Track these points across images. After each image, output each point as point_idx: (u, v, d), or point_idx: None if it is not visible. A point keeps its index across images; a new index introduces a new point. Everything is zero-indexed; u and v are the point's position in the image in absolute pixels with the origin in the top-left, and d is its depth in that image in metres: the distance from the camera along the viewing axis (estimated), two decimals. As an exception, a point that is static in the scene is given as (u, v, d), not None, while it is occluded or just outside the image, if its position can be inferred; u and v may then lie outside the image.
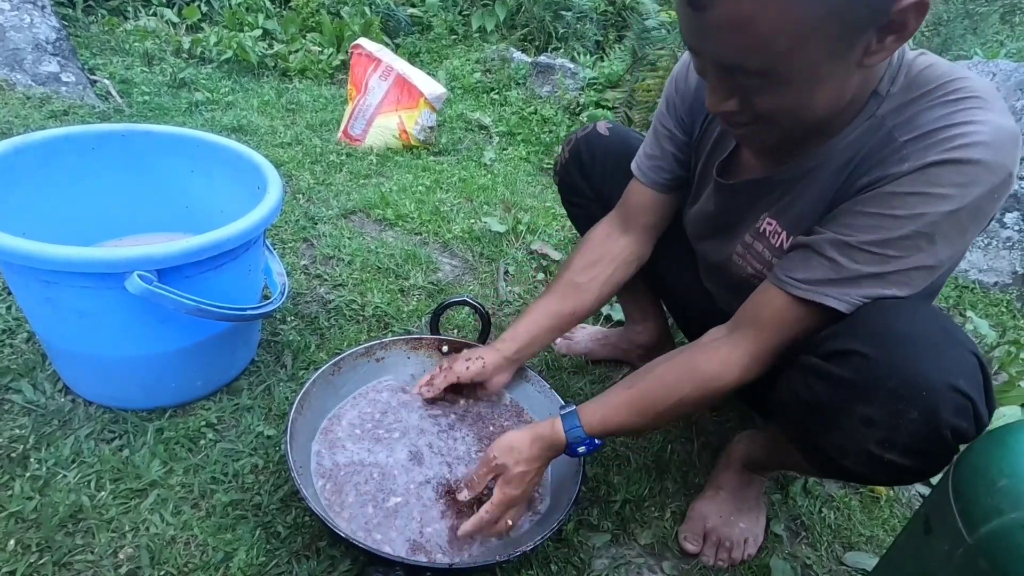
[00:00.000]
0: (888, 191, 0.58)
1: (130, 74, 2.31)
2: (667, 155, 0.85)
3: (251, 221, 0.86)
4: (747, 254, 0.78)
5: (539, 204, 1.87)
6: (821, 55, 0.52)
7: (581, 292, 0.91)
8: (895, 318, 0.58)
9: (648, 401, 0.74)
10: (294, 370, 1.09)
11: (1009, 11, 4.66)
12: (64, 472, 0.84)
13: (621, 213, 0.93)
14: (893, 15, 0.50)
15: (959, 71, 0.59)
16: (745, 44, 0.51)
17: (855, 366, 0.58)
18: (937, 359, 0.55)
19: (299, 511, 0.84)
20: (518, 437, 0.78)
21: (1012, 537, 0.43)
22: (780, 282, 0.66)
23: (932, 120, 0.57)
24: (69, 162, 1.02)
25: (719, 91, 0.59)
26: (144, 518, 0.80)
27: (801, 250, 0.65)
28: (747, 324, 0.70)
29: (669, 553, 0.90)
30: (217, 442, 0.93)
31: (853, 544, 0.95)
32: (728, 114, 0.61)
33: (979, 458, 0.49)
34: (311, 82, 2.69)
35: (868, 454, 0.58)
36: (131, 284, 0.75)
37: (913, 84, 0.60)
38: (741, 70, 0.54)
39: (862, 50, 0.53)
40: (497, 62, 2.94)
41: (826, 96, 0.57)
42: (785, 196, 0.71)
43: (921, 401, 0.54)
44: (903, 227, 0.57)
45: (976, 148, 0.54)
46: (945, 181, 0.55)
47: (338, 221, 1.59)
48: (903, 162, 0.58)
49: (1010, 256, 1.77)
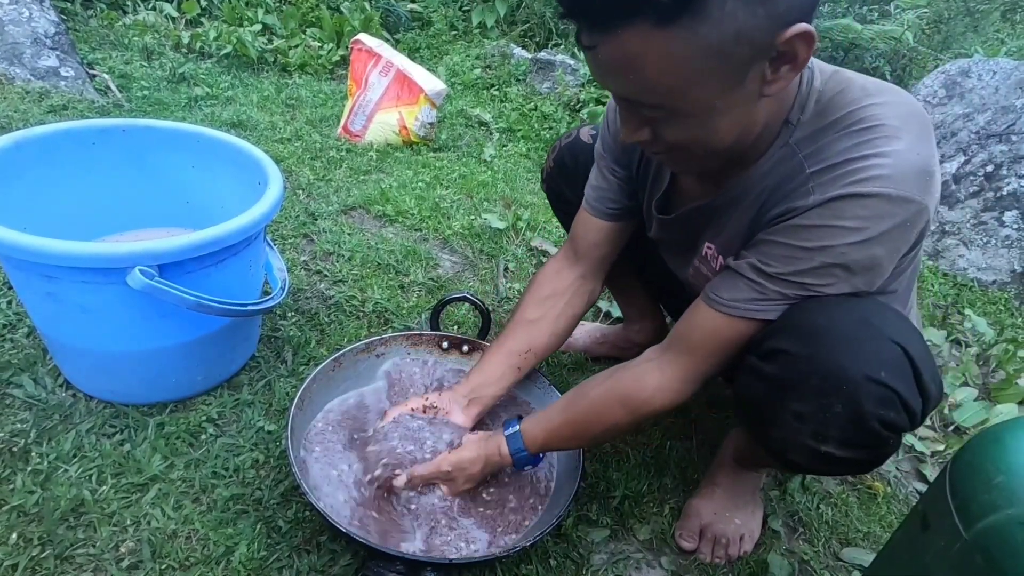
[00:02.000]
0: (796, 223, 0.59)
1: (129, 69, 2.31)
2: (612, 186, 0.86)
3: (252, 217, 0.86)
4: (697, 276, 0.80)
5: (539, 200, 1.87)
6: (713, 90, 0.53)
7: (533, 329, 0.92)
8: (817, 314, 0.59)
9: (583, 426, 0.77)
10: (294, 366, 1.09)
11: (1010, 9, 4.65)
12: (65, 466, 0.84)
13: (571, 246, 0.94)
14: (779, 47, 0.51)
15: (873, 95, 0.59)
16: (635, 82, 0.53)
17: (782, 363, 0.60)
18: (856, 352, 0.56)
19: (300, 506, 0.84)
20: (470, 459, 0.83)
21: (1008, 533, 0.43)
22: (710, 301, 0.67)
23: (837, 152, 0.58)
24: (70, 157, 1.02)
25: (630, 123, 0.60)
26: (145, 512, 0.81)
27: (727, 272, 0.67)
28: (678, 346, 0.72)
29: (667, 548, 0.90)
30: (218, 437, 0.93)
31: (850, 540, 0.96)
32: (643, 143, 0.62)
33: (975, 455, 0.50)
34: (311, 77, 2.69)
35: (806, 448, 0.60)
36: (133, 279, 0.75)
37: (824, 111, 0.60)
38: (641, 104, 0.56)
39: (758, 81, 0.54)
40: (497, 58, 2.94)
41: (731, 125, 0.58)
42: (719, 221, 0.73)
43: (843, 394, 0.56)
44: (814, 258, 0.59)
45: (876, 182, 0.55)
46: (848, 214, 0.56)
47: (338, 217, 1.59)
48: (809, 195, 0.59)
49: (1008, 255, 1.77)
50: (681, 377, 0.71)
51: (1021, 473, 0.45)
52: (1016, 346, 1.43)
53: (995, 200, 1.82)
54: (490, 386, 0.91)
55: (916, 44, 2.99)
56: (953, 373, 1.33)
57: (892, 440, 0.59)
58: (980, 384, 1.34)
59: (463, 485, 0.84)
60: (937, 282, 1.76)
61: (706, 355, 0.69)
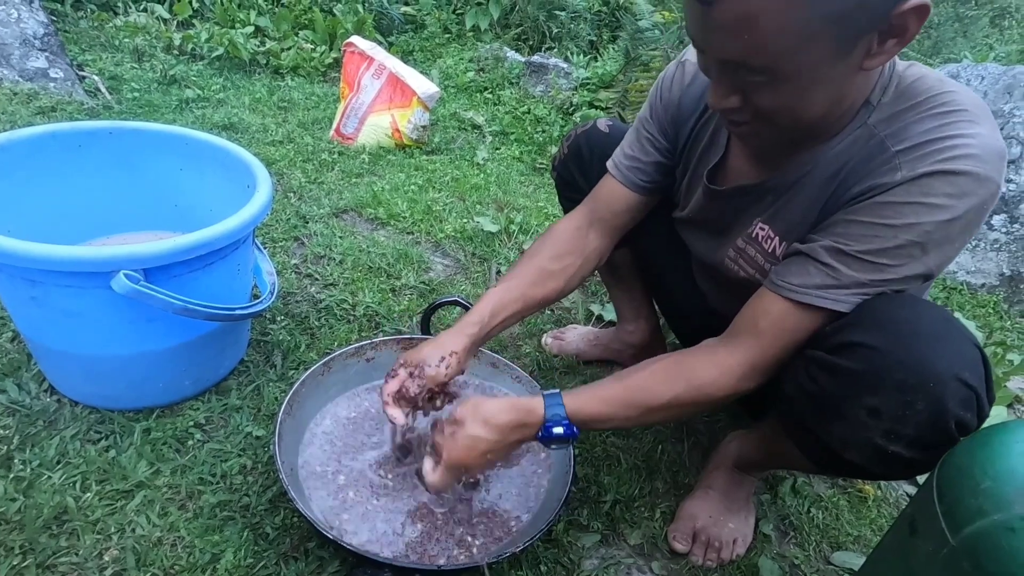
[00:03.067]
0: (882, 201, 0.59)
1: (120, 70, 2.29)
2: (649, 158, 0.85)
3: (240, 220, 0.85)
4: (739, 258, 0.78)
5: (532, 204, 1.87)
6: (823, 56, 0.52)
7: (553, 279, 0.88)
8: (900, 310, 0.59)
9: (639, 395, 0.70)
10: (284, 370, 1.09)
11: (998, 15, 4.70)
12: (49, 473, 0.83)
13: (590, 209, 0.91)
14: (893, 19, 0.51)
15: (949, 84, 0.60)
16: (749, 41, 0.52)
17: (862, 357, 0.58)
18: (943, 351, 0.56)
19: (287, 512, 0.83)
20: (491, 402, 0.72)
21: (995, 539, 0.43)
22: (777, 287, 0.65)
23: (923, 132, 0.58)
24: (56, 159, 1.01)
25: (721, 88, 0.59)
26: (130, 519, 0.79)
27: (797, 257, 0.65)
28: (745, 333, 0.68)
29: (659, 553, 0.90)
30: (205, 442, 0.92)
31: (841, 544, 0.96)
32: (729, 111, 0.61)
33: (963, 459, 0.50)
34: (303, 80, 2.68)
35: (873, 446, 0.59)
36: (117, 283, 0.74)
37: (904, 95, 0.61)
38: (744, 67, 0.55)
39: (863, 53, 0.54)
40: (491, 61, 2.94)
41: (826, 97, 0.58)
42: (777, 202, 0.71)
43: (928, 392, 0.55)
44: (897, 236, 0.58)
45: (967, 160, 0.55)
46: (938, 191, 0.56)
47: (329, 220, 1.58)
48: (896, 172, 0.58)
49: (997, 258, 1.79)
50: (749, 363, 0.67)
51: (1008, 478, 0.45)
52: (1005, 349, 1.44)
53: (984, 204, 1.84)
54: (498, 328, 0.86)
55: (906, 49, 3.01)
56: (943, 376, 1.34)
57: (956, 442, 0.58)
58: (969, 387, 1.35)
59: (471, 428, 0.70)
60: (927, 285, 1.77)
61: (773, 342, 0.66)
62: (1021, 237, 1.78)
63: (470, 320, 0.83)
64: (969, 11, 4.70)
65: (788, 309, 0.65)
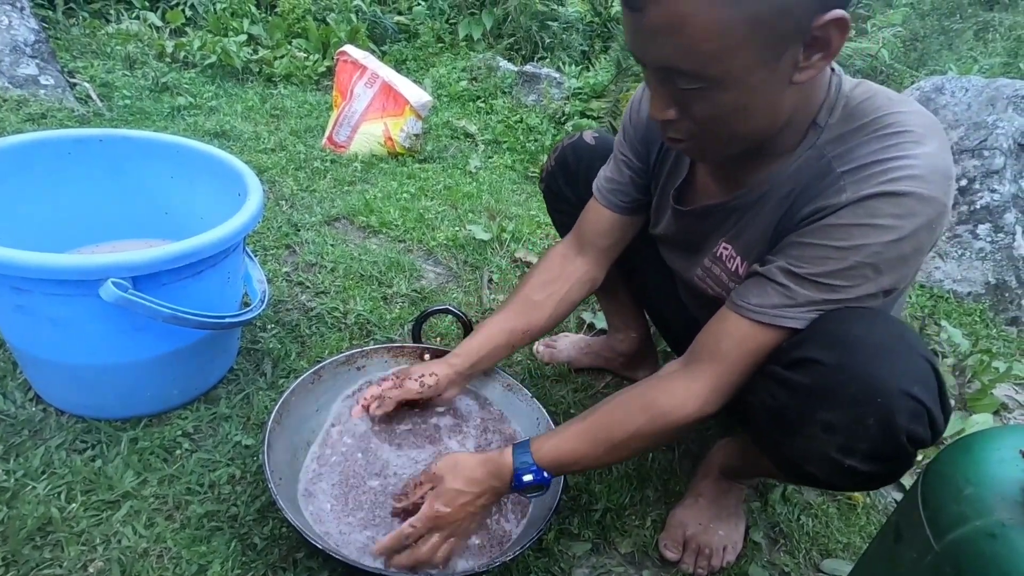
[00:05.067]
0: (829, 223, 0.60)
1: (111, 77, 2.28)
2: (625, 179, 0.87)
3: (230, 228, 0.85)
4: (707, 277, 0.79)
5: (524, 212, 1.88)
6: (751, 61, 0.54)
7: (536, 309, 0.92)
8: (853, 325, 0.60)
9: (602, 431, 0.72)
10: (274, 378, 1.08)
11: (982, 28, 4.80)
12: (33, 483, 0.82)
13: (578, 234, 0.94)
14: (815, 31, 0.53)
15: (897, 104, 0.61)
16: (679, 46, 0.53)
17: (815, 373, 0.59)
18: (892, 365, 0.57)
19: (276, 522, 0.83)
20: (467, 457, 0.77)
21: (977, 545, 0.43)
22: (737, 308, 0.67)
23: (868, 153, 0.59)
24: (45, 167, 1.00)
25: (659, 98, 0.61)
26: (116, 530, 0.78)
27: (755, 278, 0.67)
28: (706, 356, 0.69)
29: (649, 562, 0.90)
30: (193, 452, 0.91)
31: (831, 551, 0.96)
32: (668, 123, 0.62)
33: (946, 466, 0.50)
34: (296, 88, 2.68)
35: (830, 460, 0.60)
36: (105, 291, 0.74)
37: (851, 116, 0.62)
38: (677, 73, 0.56)
39: (791, 65, 0.55)
40: (483, 70, 2.96)
41: (760, 109, 0.59)
42: (738, 222, 0.72)
43: (877, 407, 0.56)
44: (847, 259, 0.59)
45: (910, 181, 0.56)
46: (883, 212, 0.57)
47: (321, 228, 1.58)
48: (841, 193, 0.59)
49: (983, 267, 1.81)
50: (711, 386, 0.68)
51: (989, 484, 0.46)
52: (990, 357, 1.45)
53: (969, 213, 1.86)
54: (485, 361, 0.91)
55: (892, 61, 3.07)
56: (930, 383, 1.35)
57: (912, 456, 0.59)
58: (956, 394, 1.37)
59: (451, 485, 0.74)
60: (914, 293, 1.79)
61: (735, 362, 0.67)
62: (1006, 246, 1.81)
63: (455, 352, 0.91)
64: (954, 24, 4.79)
65: (749, 329, 0.66)
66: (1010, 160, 1.87)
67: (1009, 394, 1.42)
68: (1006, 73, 3.39)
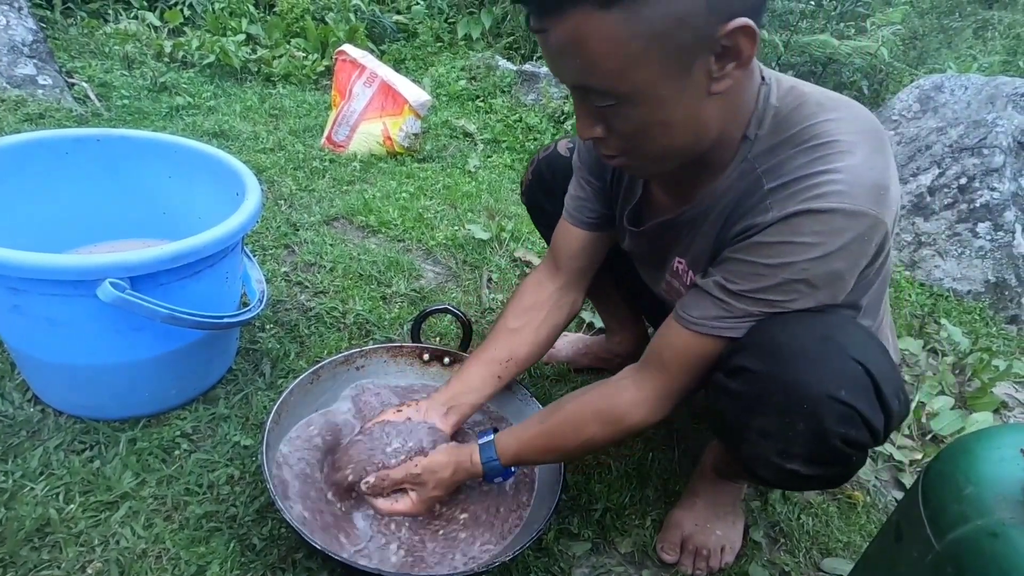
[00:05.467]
0: (757, 241, 0.60)
1: (109, 77, 2.28)
2: (589, 195, 0.87)
3: (228, 228, 0.85)
4: (671, 291, 0.80)
5: (523, 212, 1.87)
6: (656, 75, 0.54)
7: (515, 337, 0.92)
8: (778, 331, 0.60)
9: (557, 439, 0.77)
10: (273, 378, 1.08)
11: (981, 27, 4.80)
12: (31, 484, 0.81)
13: (551, 256, 0.94)
14: (722, 40, 0.52)
15: (828, 111, 0.60)
16: (583, 64, 0.54)
17: (745, 380, 0.61)
18: (816, 371, 0.57)
19: (275, 522, 0.83)
20: (441, 463, 0.82)
21: (978, 544, 0.43)
22: (679, 318, 0.68)
23: (793, 169, 0.59)
24: (43, 167, 1.00)
25: (584, 117, 0.61)
26: (114, 531, 0.78)
27: (695, 290, 0.68)
28: (652, 364, 0.72)
29: (649, 561, 0.90)
30: (192, 452, 0.91)
31: (831, 550, 0.96)
32: (597, 142, 0.63)
33: (946, 465, 0.50)
34: (295, 87, 2.68)
35: (773, 464, 0.61)
36: (103, 292, 0.73)
37: (780, 127, 0.61)
38: (590, 91, 0.57)
39: (705, 76, 0.55)
40: (482, 70, 2.95)
41: (681, 122, 0.58)
42: (688, 236, 0.73)
43: (804, 412, 0.57)
44: (776, 275, 0.59)
45: (832, 197, 0.56)
46: (806, 230, 0.57)
47: (320, 227, 1.58)
48: (767, 212, 0.60)
49: (982, 265, 1.81)
50: (656, 394, 0.71)
51: (989, 483, 0.46)
52: (990, 355, 1.45)
53: (968, 212, 1.86)
54: (470, 394, 0.91)
55: (891, 60, 3.06)
56: (930, 382, 1.35)
57: (855, 457, 0.60)
58: (956, 393, 1.36)
59: (432, 491, 0.82)
60: (914, 292, 1.79)
61: (678, 372, 0.69)
62: (1006, 244, 1.81)
63: (438, 399, 0.90)
64: (953, 23, 4.79)
65: (690, 340, 0.67)
66: (1010, 158, 1.86)
67: (1009, 392, 1.41)
68: (1005, 71, 3.39)
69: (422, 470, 0.81)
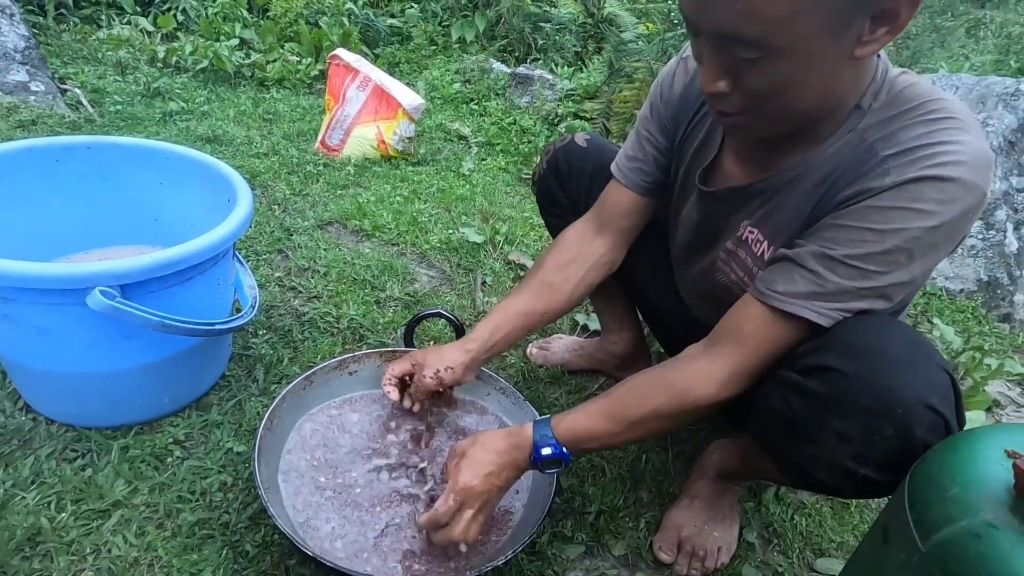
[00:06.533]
0: (871, 205, 0.59)
1: (102, 83, 2.28)
2: (648, 157, 0.85)
3: (219, 235, 0.84)
4: (731, 261, 0.77)
5: (517, 214, 1.88)
6: (816, 30, 0.52)
7: (554, 292, 0.89)
8: (870, 335, 0.59)
9: (621, 408, 0.72)
10: (266, 384, 1.08)
11: (974, 26, 4.82)
12: (23, 493, 0.81)
13: (597, 214, 0.91)
14: (884, 2, 0.52)
15: (939, 92, 0.61)
16: (744, 10, 0.52)
17: (831, 382, 0.58)
18: (912, 377, 0.56)
19: (268, 529, 0.82)
20: (489, 432, 0.78)
21: (963, 546, 0.43)
22: (761, 295, 0.65)
23: (913, 137, 0.58)
24: (33, 175, 1.00)
25: (713, 69, 0.58)
26: (106, 540, 0.78)
27: (783, 263, 0.65)
28: (726, 339, 0.68)
29: (643, 564, 0.90)
30: (185, 459, 0.91)
31: (824, 550, 0.96)
32: (718, 96, 0.61)
33: (932, 466, 0.50)
34: (289, 92, 2.68)
35: (843, 468, 0.60)
36: (92, 300, 0.73)
37: (895, 101, 0.61)
38: (738, 40, 0.54)
39: (855, 37, 0.54)
40: (477, 72, 2.96)
41: (817, 84, 0.57)
42: (766, 205, 0.71)
43: (896, 418, 0.55)
44: (885, 241, 0.58)
45: (956, 167, 0.56)
46: (926, 197, 0.56)
47: (314, 232, 1.58)
48: (885, 176, 0.58)
49: (975, 264, 1.82)
50: (731, 369, 0.67)
51: (974, 484, 0.46)
52: (983, 354, 1.46)
53: (961, 211, 1.87)
54: (501, 345, 0.88)
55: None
56: (923, 381, 1.36)
57: None
58: (949, 391, 1.37)
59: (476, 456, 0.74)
60: (907, 291, 1.80)
61: (756, 350, 0.66)
62: (998, 243, 1.82)
63: (471, 337, 0.87)
64: (946, 22, 4.81)
65: (772, 318, 0.64)
66: (1000, 157, 1.87)
67: (1001, 390, 1.42)
68: (997, 71, 3.40)
69: (467, 441, 0.77)
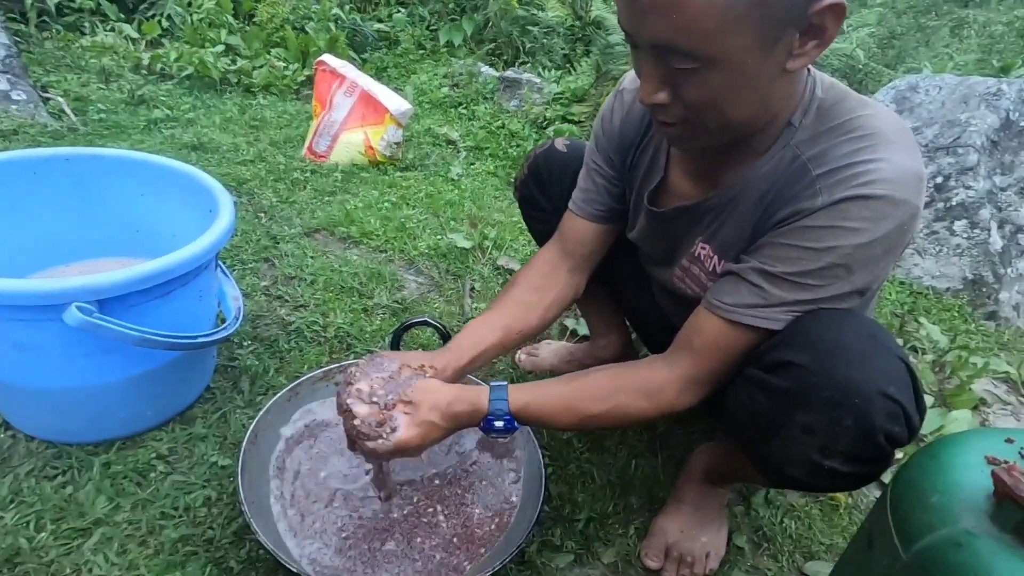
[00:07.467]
0: (805, 225, 0.61)
1: (86, 91, 2.25)
2: (599, 188, 0.87)
3: (199, 247, 0.84)
4: (686, 277, 0.80)
5: (506, 219, 1.88)
6: (749, 42, 0.54)
7: (528, 311, 0.91)
8: (830, 329, 0.61)
9: (580, 402, 0.73)
10: (251, 396, 1.06)
11: (958, 25, 4.88)
12: (1, 513, 0.80)
13: (560, 244, 0.94)
14: (812, 17, 0.53)
15: (868, 106, 0.63)
16: (677, 22, 0.53)
17: (792, 376, 0.60)
18: (868, 366, 0.58)
19: (253, 544, 0.81)
20: (437, 387, 0.75)
21: (943, 554, 0.43)
22: (711, 306, 0.68)
23: (841, 156, 0.60)
24: (11, 188, 0.99)
25: (652, 80, 0.60)
26: (87, 559, 0.77)
27: (730, 277, 0.68)
28: (683, 348, 0.71)
29: (633, 571, 0.89)
30: (168, 475, 0.90)
31: (814, 553, 0.96)
32: (658, 108, 0.62)
33: (914, 473, 0.50)
34: (275, 98, 2.66)
35: (810, 462, 0.61)
36: (69, 316, 0.72)
37: (825, 117, 0.63)
38: (673, 51, 0.55)
39: (785, 51, 0.56)
40: (465, 76, 2.95)
41: (751, 95, 0.59)
42: (714, 223, 0.73)
43: (854, 408, 0.57)
44: (820, 259, 0.61)
45: (882, 184, 0.58)
46: (856, 216, 0.59)
47: (301, 240, 1.57)
48: (816, 197, 0.61)
49: (960, 262, 1.84)
50: (686, 379, 0.70)
51: (955, 492, 0.46)
52: (969, 352, 1.47)
53: (945, 210, 1.89)
54: (478, 361, 0.87)
55: (868, 61, 3.10)
56: (910, 381, 1.36)
57: (891, 455, 0.60)
58: (936, 391, 1.38)
59: (427, 414, 0.72)
60: (894, 290, 1.81)
61: (708, 359, 0.69)
62: (982, 242, 1.83)
63: (449, 347, 0.85)
64: (930, 22, 4.87)
65: (721, 327, 0.67)
66: (983, 157, 1.89)
67: (988, 389, 1.43)
68: (980, 70, 3.45)
69: (415, 389, 0.73)
